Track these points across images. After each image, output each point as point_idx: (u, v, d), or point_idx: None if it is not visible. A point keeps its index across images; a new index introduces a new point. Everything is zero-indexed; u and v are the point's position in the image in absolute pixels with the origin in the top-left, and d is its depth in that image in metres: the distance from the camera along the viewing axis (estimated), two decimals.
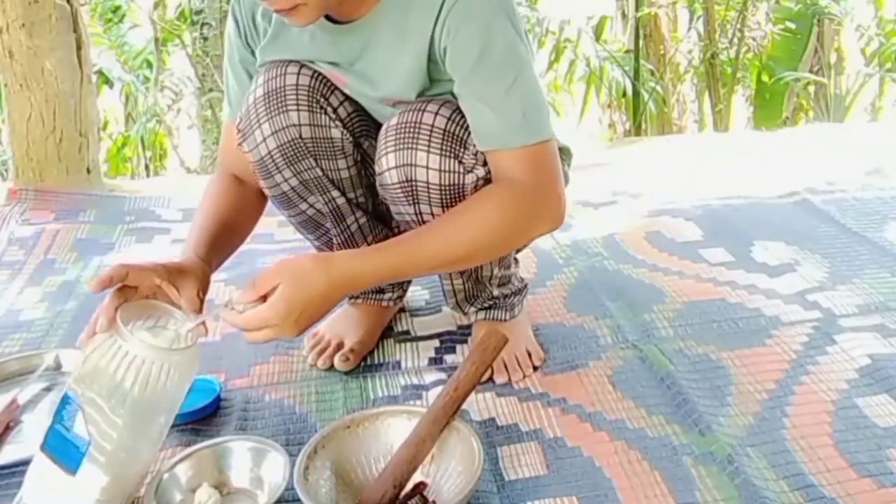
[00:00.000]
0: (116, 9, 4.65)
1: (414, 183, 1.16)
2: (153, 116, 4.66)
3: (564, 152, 1.33)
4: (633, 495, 1.06)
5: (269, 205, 1.38)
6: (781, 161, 2.45)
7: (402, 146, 1.15)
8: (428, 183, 1.16)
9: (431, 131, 1.14)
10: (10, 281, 1.82)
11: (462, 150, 1.15)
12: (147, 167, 4.96)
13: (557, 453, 1.15)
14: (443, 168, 1.15)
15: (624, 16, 4.73)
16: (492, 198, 1.12)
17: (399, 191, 1.18)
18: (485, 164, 1.16)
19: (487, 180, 1.16)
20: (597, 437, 1.18)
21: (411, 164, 1.15)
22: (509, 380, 1.31)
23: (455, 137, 1.14)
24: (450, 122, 1.14)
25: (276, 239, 1.95)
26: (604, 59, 4.13)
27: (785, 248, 1.76)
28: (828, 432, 1.16)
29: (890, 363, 1.31)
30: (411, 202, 1.19)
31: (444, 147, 1.14)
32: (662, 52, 4.68)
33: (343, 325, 1.43)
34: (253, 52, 1.27)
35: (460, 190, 1.16)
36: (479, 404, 1.26)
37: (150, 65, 4.80)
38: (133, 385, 0.95)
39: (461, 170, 1.15)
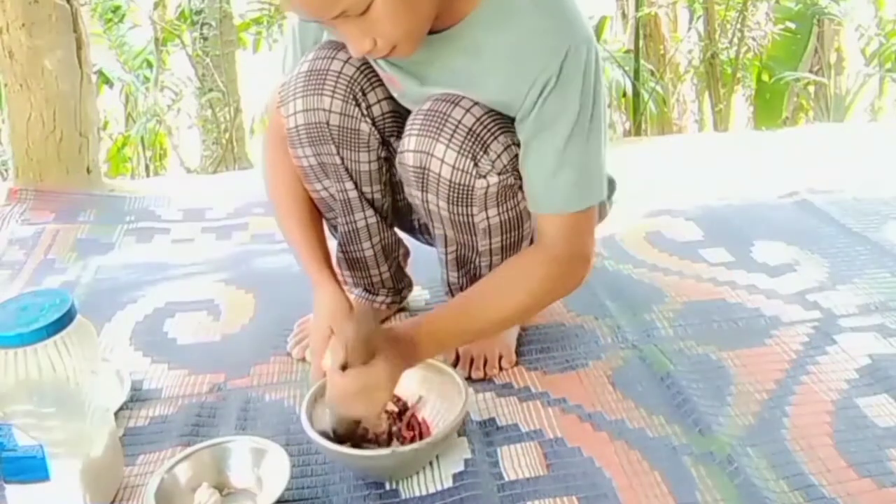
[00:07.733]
0: (116, 9, 4.65)
1: (427, 171, 1.18)
2: (153, 116, 4.66)
3: (609, 183, 1.31)
4: (633, 495, 1.06)
5: (270, 205, 1.38)
6: (781, 161, 2.45)
7: (425, 133, 1.16)
8: (439, 175, 1.17)
9: (457, 127, 1.14)
10: (11, 281, 1.82)
11: (482, 153, 1.15)
12: (147, 167, 4.96)
13: (557, 453, 1.15)
14: (457, 166, 1.15)
15: (624, 16, 4.73)
16: (536, 270, 1.18)
17: (412, 174, 1.20)
18: (500, 173, 1.16)
19: (498, 189, 1.17)
20: (597, 437, 1.18)
21: (429, 154, 1.16)
22: (469, 375, 1.31)
23: (478, 139, 1.14)
24: (477, 123, 1.14)
25: (277, 239, 1.94)
26: (604, 58, 4.12)
27: (785, 248, 1.76)
28: (828, 432, 1.16)
29: (890, 363, 1.31)
30: (421, 188, 1.21)
31: (464, 145, 1.14)
32: (662, 52, 4.68)
33: None
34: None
35: (468, 192, 1.17)
36: (480, 404, 1.26)
37: (150, 65, 4.80)
38: (40, 375, 0.97)
39: (474, 172, 1.16)
